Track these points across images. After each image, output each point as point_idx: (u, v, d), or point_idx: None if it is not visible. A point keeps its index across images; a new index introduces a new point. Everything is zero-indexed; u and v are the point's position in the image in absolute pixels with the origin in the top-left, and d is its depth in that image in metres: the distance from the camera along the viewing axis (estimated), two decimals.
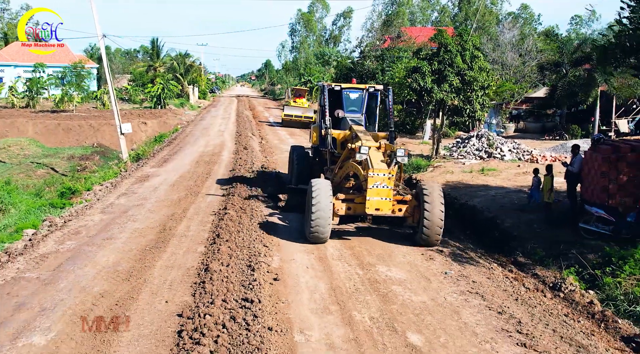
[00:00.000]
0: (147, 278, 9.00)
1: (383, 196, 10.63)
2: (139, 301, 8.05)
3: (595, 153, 12.01)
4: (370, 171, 10.59)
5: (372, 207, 10.66)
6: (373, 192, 10.58)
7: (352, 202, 11.22)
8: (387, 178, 10.61)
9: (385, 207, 10.72)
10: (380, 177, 10.55)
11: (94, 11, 25.28)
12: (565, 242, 11.12)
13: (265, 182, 16.50)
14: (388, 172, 10.65)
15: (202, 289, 8.22)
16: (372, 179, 10.55)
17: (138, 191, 16.15)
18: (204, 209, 13.71)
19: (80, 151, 34.98)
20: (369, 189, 10.58)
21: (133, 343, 6.80)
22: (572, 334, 7.49)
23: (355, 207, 11.18)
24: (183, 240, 11.16)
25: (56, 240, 11.35)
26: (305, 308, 7.92)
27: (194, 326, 6.95)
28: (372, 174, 10.56)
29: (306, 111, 37.97)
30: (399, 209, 11.20)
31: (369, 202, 10.61)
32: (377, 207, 10.66)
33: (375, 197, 10.60)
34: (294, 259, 10.18)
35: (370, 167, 10.68)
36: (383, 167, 10.74)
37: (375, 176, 10.55)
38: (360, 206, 11.00)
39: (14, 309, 7.86)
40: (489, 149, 21.36)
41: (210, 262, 9.27)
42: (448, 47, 20.43)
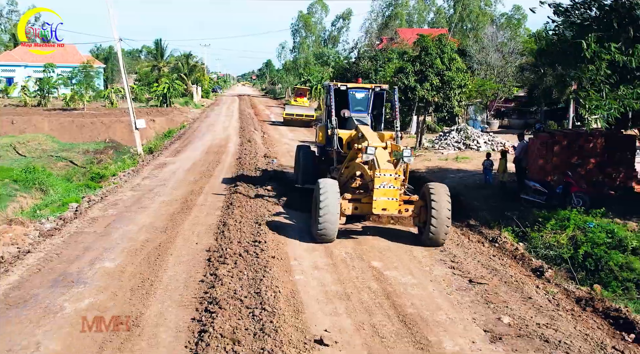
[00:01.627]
0: (179, 231, 11.95)
1: (390, 196, 10.80)
2: (176, 244, 11.00)
3: (536, 140, 14.96)
4: (377, 171, 10.78)
5: (379, 207, 10.85)
6: (380, 192, 10.74)
7: (359, 202, 11.39)
8: (394, 178, 10.81)
9: (392, 207, 10.93)
10: (387, 177, 10.72)
11: (111, 16, 28.12)
12: (510, 210, 14.02)
13: (267, 166, 19.42)
14: (395, 173, 10.88)
15: (222, 235, 11.19)
16: (378, 179, 10.72)
17: (159, 175, 19.10)
18: (217, 187, 16.66)
19: (94, 146, 37.81)
20: (376, 190, 10.74)
21: (176, 264, 9.76)
22: (492, 265, 10.44)
23: (362, 207, 11.37)
24: (203, 208, 14.10)
25: (100, 209, 14.29)
26: (299, 248, 10.88)
27: (219, 255, 9.90)
28: (379, 175, 10.73)
29: (307, 109, 38.97)
30: (405, 209, 11.43)
31: (375, 202, 10.79)
32: (384, 207, 10.86)
33: (382, 198, 10.77)
34: (291, 217, 13.10)
35: (377, 168, 10.87)
36: (390, 167, 10.97)
37: (382, 176, 10.72)
38: (367, 206, 11.17)
39: (84, 250, 10.79)
40: (466, 141, 24.30)
41: (226, 220, 12.24)
42: (429, 50, 23.34)
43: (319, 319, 7.72)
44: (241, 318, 7.38)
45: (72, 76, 52.24)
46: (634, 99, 10.50)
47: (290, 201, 14.34)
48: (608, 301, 8.90)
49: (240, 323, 7.19)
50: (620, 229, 11.12)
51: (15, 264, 9.92)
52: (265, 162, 20.96)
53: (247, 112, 50.09)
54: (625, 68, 10.57)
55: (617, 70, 10.74)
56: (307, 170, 14.66)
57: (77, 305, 8.06)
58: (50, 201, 16.73)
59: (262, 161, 21.30)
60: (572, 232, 11.80)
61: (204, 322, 7.29)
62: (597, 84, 10.75)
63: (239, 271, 9.10)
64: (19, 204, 17.02)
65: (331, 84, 14.08)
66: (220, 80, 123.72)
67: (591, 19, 11.60)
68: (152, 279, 9.06)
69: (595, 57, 10.43)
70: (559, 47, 12.46)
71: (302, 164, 15.02)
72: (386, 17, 71.61)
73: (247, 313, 7.55)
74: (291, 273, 9.48)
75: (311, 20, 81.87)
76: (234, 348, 6.57)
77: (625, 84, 10.74)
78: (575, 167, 14.17)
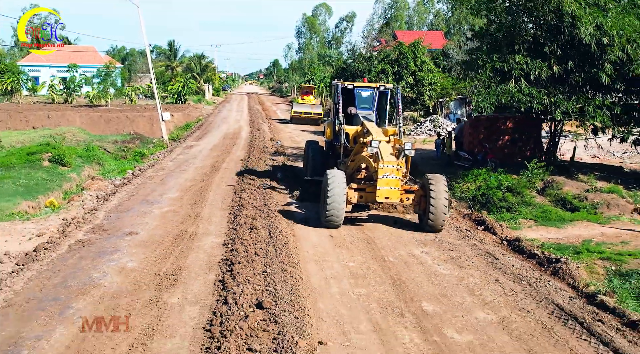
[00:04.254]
0: (212, 180, 18.06)
1: (392, 185, 11.88)
2: (212, 186, 17.10)
3: (468, 122, 20.93)
4: (381, 163, 11.86)
5: (382, 196, 11.98)
6: (383, 182, 11.84)
7: (363, 191, 12.58)
8: (396, 169, 11.89)
9: (394, 196, 12.05)
10: (390, 168, 11.80)
11: (141, 23, 34.28)
12: (446, 172, 19.92)
13: (272, 147, 25.52)
14: (397, 164, 11.95)
15: (242, 181, 17.30)
16: (382, 170, 11.80)
17: (189, 153, 25.26)
18: (235, 159, 22.76)
19: (121, 137, 43.90)
20: (379, 180, 11.85)
21: (214, 194, 15.90)
22: None
23: (367, 196, 12.59)
24: (226, 171, 20.17)
25: (152, 171, 20.41)
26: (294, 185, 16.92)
27: (240, 189, 16.01)
28: (382, 166, 11.82)
29: (314, 107, 40.15)
30: (406, 198, 12.63)
31: (379, 191, 11.91)
32: (386, 196, 11.99)
33: (385, 187, 11.85)
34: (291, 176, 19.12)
35: (380, 160, 11.93)
36: (392, 159, 12.05)
37: (385, 167, 11.80)
38: (371, 195, 12.38)
39: (151, 190, 16.89)
40: (436, 129, 30.25)
41: (244, 174, 18.34)
42: (405, 54, 29.39)
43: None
44: (256, 211, 13.47)
45: (97, 75, 58.62)
46: (505, 95, 16.32)
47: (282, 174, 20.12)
48: (486, 217, 14.76)
49: (255, 214, 13.23)
50: (505, 178, 16.99)
51: (111, 197, 16.03)
52: (271, 144, 27.08)
53: (256, 108, 56.36)
54: (502, 72, 16.47)
55: (498, 74, 16.67)
56: (316, 163, 15.99)
57: (160, 210, 14.17)
58: (109, 169, 22.86)
59: (269, 143, 27.44)
60: (479, 182, 17.74)
61: (236, 214, 13.36)
62: (486, 84, 16.67)
63: (254, 196, 15.19)
64: (86, 172, 23.15)
65: (339, 83, 15.07)
66: (229, 79, 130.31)
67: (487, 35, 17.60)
68: (201, 200, 15.19)
69: (483, 64, 16.39)
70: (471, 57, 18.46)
71: (311, 158, 16.36)
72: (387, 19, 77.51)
73: (259, 209, 13.67)
74: (285, 198, 15.53)
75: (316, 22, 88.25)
76: (253, 222, 12.56)
77: (500, 84, 16.60)
78: (494, 142, 20.12)
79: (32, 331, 7.37)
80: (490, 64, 16.32)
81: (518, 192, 16.16)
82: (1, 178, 19.05)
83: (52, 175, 20.54)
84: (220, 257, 10.40)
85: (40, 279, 9.33)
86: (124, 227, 12.58)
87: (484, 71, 16.40)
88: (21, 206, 16.37)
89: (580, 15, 15.19)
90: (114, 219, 13.38)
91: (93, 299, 8.43)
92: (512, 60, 16.09)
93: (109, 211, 14.15)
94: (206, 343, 6.95)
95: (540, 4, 15.51)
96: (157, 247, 11.06)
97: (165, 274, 9.50)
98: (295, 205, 14.87)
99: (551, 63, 16.13)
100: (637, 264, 10.84)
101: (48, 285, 9.05)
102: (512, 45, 16.83)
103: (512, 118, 20.40)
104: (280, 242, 11.21)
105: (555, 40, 16.05)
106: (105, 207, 14.69)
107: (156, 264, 10.03)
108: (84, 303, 8.31)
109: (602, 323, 8.34)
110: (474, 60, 17.45)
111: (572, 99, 16.24)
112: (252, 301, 8.03)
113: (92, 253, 10.69)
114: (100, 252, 10.73)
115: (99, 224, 12.89)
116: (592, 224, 13.83)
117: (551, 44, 16.06)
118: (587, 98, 16.41)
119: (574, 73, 16.34)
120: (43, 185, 19.03)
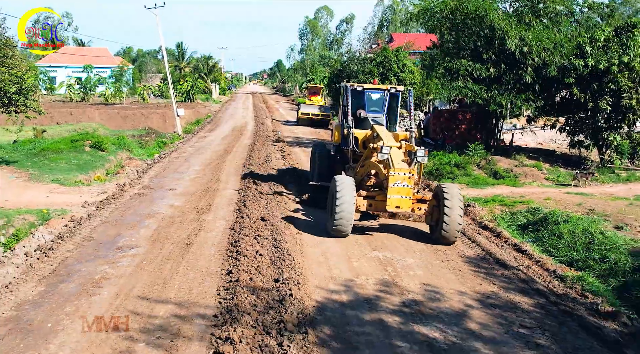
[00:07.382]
0: (226, 159, 23.40)
1: (403, 194, 11.40)
2: (226, 163, 22.44)
3: (432, 115, 26.18)
4: (392, 170, 11.38)
5: (392, 205, 11.49)
6: (394, 190, 11.37)
7: (373, 199, 12.13)
8: (408, 177, 11.39)
9: (406, 205, 11.54)
10: (401, 176, 11.32)
11: (159, 28, 39.61)
12: None
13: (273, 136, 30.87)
14: (409, 172, 11.44)
15: (250, 161, 22.60)
16: (393, 178, 11.31)
17: (204, 141, 30.62)
18: (243, 146, 28.10)
19: (137, 132, 49.16)
20: (390, 188, 11.37)
21: (229, 168, 21.26)
22: None
23: (376, 205, 12.13)
24: (236, 154, 25.46)
25: (176, 155, 25.74)
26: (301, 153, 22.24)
27: (249, 163, 21.32)
28: (393, 173, 11.32)
29: (323, 109, 39.16)
30: (418, 208, 12.15)
31: (389, 200, 11.43)
32: (397, 205, 11.48)
33: (395, 196, 11.38)
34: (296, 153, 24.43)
35: (391, 167, 11.46)
36: (404, 166, 11.57)
37: (396, 175, 11.31)
38: (381, 204, 11.91)
39: (179, 165, 22.21)
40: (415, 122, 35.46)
41: (251, 154, 23.70)
42: (389, 57, 34.63)
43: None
44: (264, 174, 18.74)
45: (112, 75, 64.06)
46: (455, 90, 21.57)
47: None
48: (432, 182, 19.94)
49: (259, 178, 18.49)
50: (454, 157, 22.14)
51: (147, 171, 21.32)
52: (273, 135, 32.44)
53: (260, 106, 61.84)
54: (451, 72, 21.68)
55: (449, 73, 21.92)
56: (323, 168, 15.60)
57: (189, 177, 19.49)
58: (138, 154, 28.19)
59: (271, 134, 32.79)
60: (436, 161, 22.94)
61: (245, 177, 18.64)
62: (440, 81, 21.92)
63: (258, 167, 20.52)
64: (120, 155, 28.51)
65: (348, 85, 14.73)
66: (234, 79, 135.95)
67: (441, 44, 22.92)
68: (219, 170, 20.55)
69: (437, 66, 21.68)
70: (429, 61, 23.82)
71: (318, 162, 15.92)
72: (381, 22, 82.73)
73: (266, 172, 18.96)
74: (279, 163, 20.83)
75: (318, 24, 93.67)
76: (257, 182, 17.77)
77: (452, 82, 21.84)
78: (452, 130, 25.35)
79: (126, 231, 12.64)
80: (442, 65, 21.57)
81: (463, 167, 21.39)
82: (56, 159, 24.41)
83: (94, 157, 25.91)
84: (236, 199, 15.73)
85: (118, 211, 14.60)
86: (165, 186, 17.89)
87: (437, 71, 21.67)
88: (79, 178, 21.72)
89: (507, 30, 20.42)
90: (157, 182, 18.70)
91: (157, 219, 13.71)
92: (459, 63, 21.28)
93: (151, 178, 19.48)
94: (232, 235, 12.21)
95: (478, 23, 20.74)
96: (192, 195, 16.39)
97: (201, 207, 14.83)
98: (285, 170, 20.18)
99: (488, 66, 21.32)
100: (522, 208, 16.03)
101: (125, 214, 14.32)
102: (459, 52, 22.06)
103: (469, 112, 25.61)
104: (278, 195, 16.56)
105: (490, 49, 21.26)
106: (147, 176, 20.00)
107: (194, 203, 15.36)
108: (153, 220, 13.60)
109: (480, 234, 13.59)
110: (430, 63, 22.75)
111: (504, 95, 21.44)
112: (258, 217, 13.32)
113: (148, 199, 16.00)
114: (153, 199, 16.04)
115: (146, 184, 18.20)
116: (509, 188, 18.98)
117: (487, 52, 21.28)
118: (516, 94, 21.60)
119: (506, 74, 21.53)
120: (90, 164, 24.35)
